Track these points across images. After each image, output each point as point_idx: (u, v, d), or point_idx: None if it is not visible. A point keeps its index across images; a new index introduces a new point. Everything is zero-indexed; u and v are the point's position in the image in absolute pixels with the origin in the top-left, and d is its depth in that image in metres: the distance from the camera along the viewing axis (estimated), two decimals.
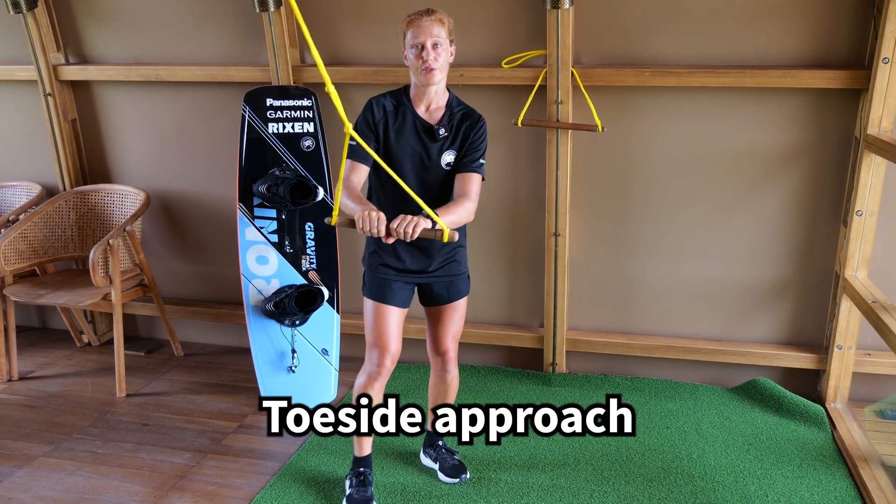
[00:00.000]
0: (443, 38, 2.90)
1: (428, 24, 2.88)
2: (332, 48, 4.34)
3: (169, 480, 3.56)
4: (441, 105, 3.04)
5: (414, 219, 2.70)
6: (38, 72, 4.62)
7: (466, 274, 3.27)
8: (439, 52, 2.90)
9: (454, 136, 3.03)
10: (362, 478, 3.31)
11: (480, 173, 3.05)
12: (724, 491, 3.36)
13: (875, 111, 3.58)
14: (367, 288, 3.22)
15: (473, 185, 3.01)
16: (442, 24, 2.91)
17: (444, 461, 3.52)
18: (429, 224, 2.72)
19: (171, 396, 4.37)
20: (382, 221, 2.72)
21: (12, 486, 3.54)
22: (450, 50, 2.96)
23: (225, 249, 4.77)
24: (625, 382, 4.33)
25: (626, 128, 4.06)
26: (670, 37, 3.91)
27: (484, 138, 3.07)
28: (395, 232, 2.70)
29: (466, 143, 3.02)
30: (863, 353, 4.03)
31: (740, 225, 4.09)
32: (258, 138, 4.09)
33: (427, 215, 2.71)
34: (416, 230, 2.68)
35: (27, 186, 4.93)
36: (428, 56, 2.88)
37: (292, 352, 4.16)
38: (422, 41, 2.87)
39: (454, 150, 3.03)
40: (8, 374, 4.58)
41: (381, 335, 3.19)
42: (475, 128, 3.04)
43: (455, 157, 3.03)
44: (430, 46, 2.87)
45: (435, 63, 2.89)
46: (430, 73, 2.90)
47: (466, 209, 2.95)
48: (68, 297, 4.32)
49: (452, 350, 3.33)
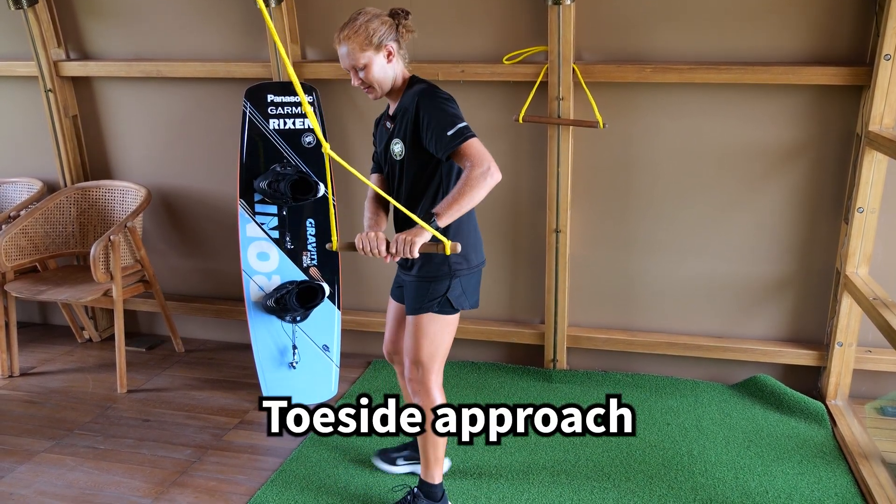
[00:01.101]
0: (364, 59, 2.74)
1: (344, 52, 2.76)
2: (331, 45, 4.27)
3: (170, 476, 3.57)
4: (400, 98, 2.89)
5: (408, 238, 2.57)
6: (39, 68, 4.62)
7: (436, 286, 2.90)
8: (367, 73, 2.76)
9: (403, 126, 2.82)
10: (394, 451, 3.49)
11: (461, 143, 2.66)
12: (725, 487, 3.37)
13: (876, 108, 3.58)
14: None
15: (465, 156, 2.66)
16: (353, 42, 2.73)
17: (403, 499, 3.21)
18: (427, 237, 2.60)
19: (172, 392, 4.37)
20: (382, 241, 2.64)
21: (13, 481, 3.54)
22: (379, 58, 2.76)
23: (226, 245, 4.77)
24: (625, 379, 4.33)
25: (627, 124, 4.05)
26: (672, 33, 3.91)
27: (432, 113, 2.71)
28: (394, 255, 2.62)
29: (421, 128, 2.74)
30: (863, 349, 4.03)
31: (741, 222, 4.08)
32: (259, 134, 4.09)
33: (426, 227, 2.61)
34: (413, 248, 2.57)
35: (28, 182, 4.93)
36: (356, 83, 2.82)
37: (293, 348, 4.16)
38: (346, 69, 2.80)
39: (399, 137, 2.84)
40: (9, 369, 4.59)
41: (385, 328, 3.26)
42: (417, 110, 2.74)
43: (402, 146, 2.82)
44: (353, 74, 2.80)
45: (364, 87, 2.82)
46: (369, 92, 2.84)
47: (468, 179, 2.62)
48: (69, 293, 4.32)
49: (409, 370, 3.01)
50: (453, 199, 2.62)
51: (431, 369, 2.98)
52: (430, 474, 3.14)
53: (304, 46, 4.35)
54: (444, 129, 2.67)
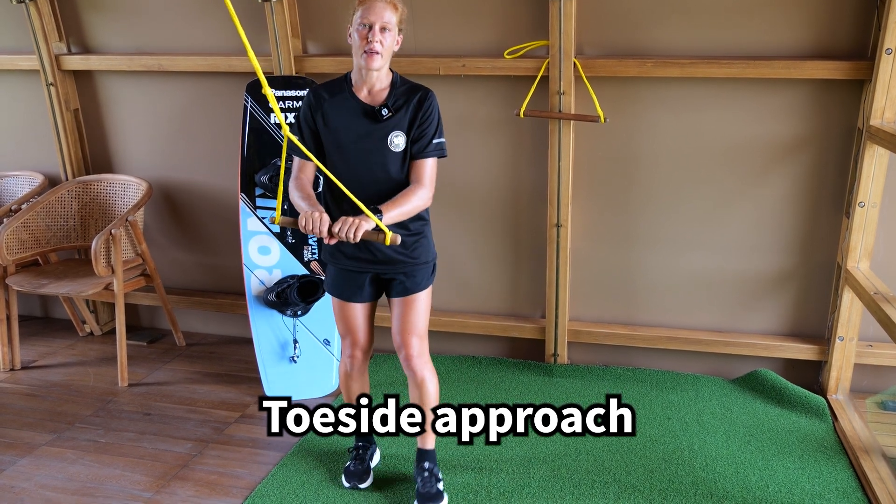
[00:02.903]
0: (392, 24, 2.80)
1: (381, 7, 2.77)
2: (332, 38, 4.33)
3: (171, 470, 3.57)
4: (385, 86, 2.91)
5: (355, 221, 2.64)
6: (41, 61, 4.62)
7: (431, 263, 3.10)
8: (385, 36, 2.79)
9: (402, 116, 2.88)
10: (360, 451, 3.40)
11: (436, 155, 2.92)
12: (726, 482, 3.37)
13: (878, 102, 3.57)
14: (330, 282, 3.13)
15: (426, 171, 2.89)
16: (395, 10, 2.81)
17: (425, 484, 3.24)
18: (371, 225, 2.66)
19: (173, 386, 4.38)
20: (325, 222, 2.69)
21: (15, 474, 3.55)
22: (397, 38, 2.86)
23: (227, 239, 4.77)
24: (626, 373, 4.33)
25: (628, 118, 4.05)
26: (673, 27, 3.90)
27: (433, 115, 2.91)
28: (336, 235, 2.67)
29: (416, 123, 2.88)
30: (864, 344, 4.03)
31: (742, 216, 4.08)
32: (260, 128, 4.08)
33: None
34: (357, 233, 2.63)
35: (30, 176, 4.94)
36: (373, 38, 2.76)
37: (294, 342, 4.16)
38: (370, 21, 2.76)
39: (402, 131, 2.88)
40: (10, 363, 4.59)
41: (348, 330, 3.17)
42: (422, 105, 2.89)
43: (405, 140, 2.89)
44: (377, 28, 2.76)
45: (378, 46, 2.77)
46: (371, 56, 2.78)
47: (419, 197, 2.86)
48: (70, 287, 4.32)
49: (414, 347, 3.10)
50: (401, 209, 2.81)
51: (427, 338, 3.17)
52: (432, 440, 3.33)
53: (306, 40, 4.35)
54: (433, 136, 2.90)
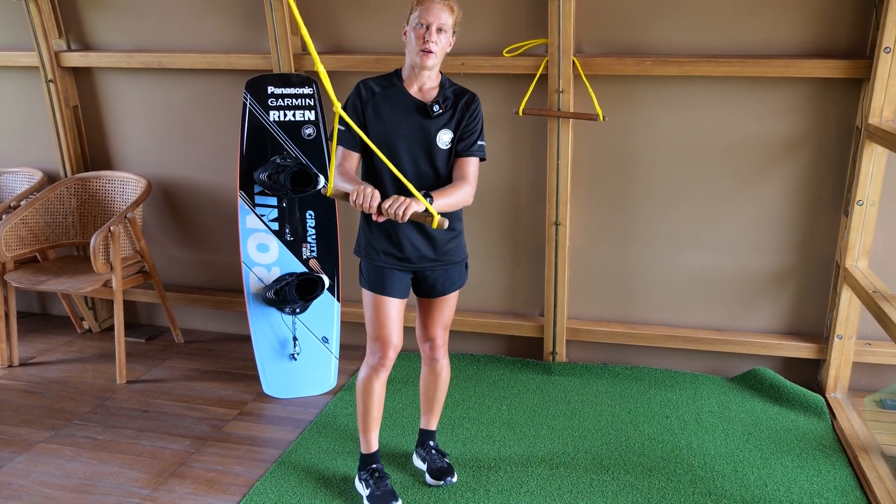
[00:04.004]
0: (448, 26, 2.88)
1: (438, 8, 2.86)
2: (333, 36, 4.33)
3: (169, 467, 3.57)
4: (434, 85, 3.01)
5: (406, 200, 2.70)
6: (40, 58, 4.62)
7: (465, 262, 3.20)
8: (441, 37, 2.88)
9: (450, 115, 2.98)
10: (377, 473, 3.25)
11: (479, 155, 3.03)
12: (724, 480, 3.37)
13: (876, 101, 3.58)
14: (365, 278, 3.16)
15: (471, 168, 3.00)
16: (451, 13, 2.89)
17: (432, 462, 3.42)
18: (420, 208, 2.71)
19: (172, 383, 4.38)
20: (376, 198, 2.73)
21: (12, 471, 3.55)
22: (451, 39, 2.94)
23: (226, 237, 4.77)
24: (624, 372, 4.33)
25: (627, 117, 4.05)
26: (672, 26, 3.90)
27: (480, 117, 3.04)
28: (385, 212, 2.71)
29: (462, 123, 2.98)
30: (863, 342, 4.03)
31: (741, 214, 4.08)
32: (259, 126, 4.08)
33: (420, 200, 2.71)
34: (406, 212, 2.68)
35: (28, 173, 4.93)
36: (430, 38, 2.85)
37: (293, 340, 4.16)
38: (428, 21, 2.84)
39: (450, 129, 2.98)
40: (8, 359, 4.59)
41: (382, 327, 3.13)
42: (470, 107, 3.00)
43: (452, 137, 2.98)
44: (434, 29, 2.85)
45: (434, 46, 2.86)
46: (427, 55, 2.87)
47: (464, 192, 2.95)
48: (69, 284, 4.32)
49: (441, 338, 3.28)
50: (450, 199, 2.90)
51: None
52: (437, 422, 3.52)
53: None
54: (479, 138, 3.04)
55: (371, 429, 3.24)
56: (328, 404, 4.07)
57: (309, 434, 3.79)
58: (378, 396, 3.19)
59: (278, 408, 4.09)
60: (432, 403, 3.44)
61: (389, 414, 3.90)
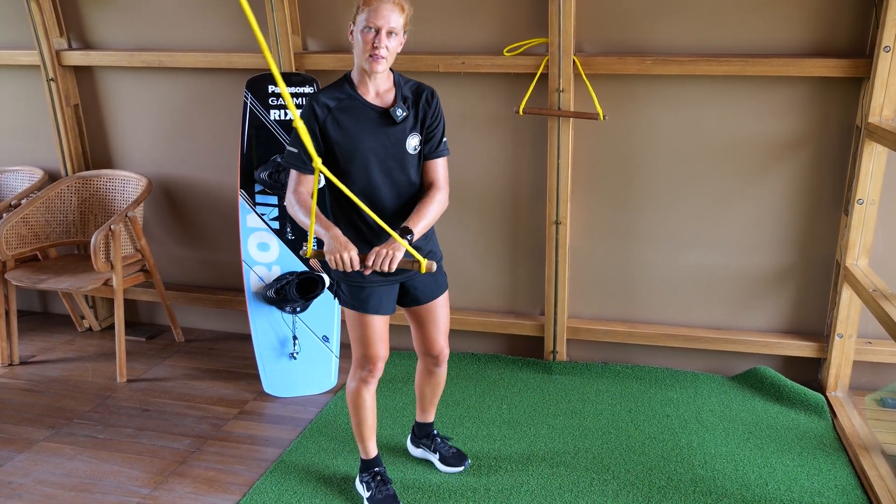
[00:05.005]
0: (399, 28, 2.70)
1: (388, 9, 2.67)
2: (333, 36, 4.33)
3: (169, 466, 3.57)
4: (389, 86, 2.84)
5: (388, 252, 2.62)
6: (41, 57, 4.62)
7: (440, 258, 3.08)
8: (392, 40, 2.70)
9: (413, 116, 2.83)
10: (379, 477, 3.23)
11: (446, 154, 2.92)
12: (724, 479, 3.37)
13: (876, 100, 3.57)
14: (348, 298, 2.98)
15: (441, 171, 2.90)
16: (402, 12, 2.71)
17: (443, 451, 3.48)
18: (402, 252, 2.64)
19: (172, 382, 4.38)
20: (356, 261, 2.64)
21: (12, 470, 3.55)
22: (402, 39, 2.76)
23: (226, 236, 4.77)
24: (625, 370, 4.33)
25: (627, 116, 4.05)
26: (672, 25, 3.90)
27: (441, 113, 2.88)
28: (370, 268, 2.65)
29: (427, 122, 2.84)
30: (863, 341, 4.03)
31: (741, 213, 4.08)
32: (260, 125, 4.08)
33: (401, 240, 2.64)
34: (393, 263, 2.62)
35: (29, 171, 4.94)
36: (379, 43, 2.66)
37: (294, 339, 4.16)
38: (378, 25, 2.65)
39: (417, 132, 2.84)
40: (9, 358, 4.59)
41: (370, 346, 3.00)
42: (431, 103, 2.86)
43: (420, 139, 2.85)
44: (384, 33, 2.67)
45: (384, 52, 2.68)
46: (376, 61, 2.68)
47: (440, 203, 2.86)
48: (70, 282, 4.32)
49: (447, 349, 3.22)
50: (427, 219, 2.81)
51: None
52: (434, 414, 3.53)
53: (306, 37, 4.35)
54: (443, 135, 2.91)
55: (368, 437, 3.22)
56: (329, 403, 4.07)
57: (309, 433, 3.79)
58: (370, 407, 3.15)
59: (279, 407, 4.09)
60: (433, 399, 3.45)
61: (390, 413, 3.91)
